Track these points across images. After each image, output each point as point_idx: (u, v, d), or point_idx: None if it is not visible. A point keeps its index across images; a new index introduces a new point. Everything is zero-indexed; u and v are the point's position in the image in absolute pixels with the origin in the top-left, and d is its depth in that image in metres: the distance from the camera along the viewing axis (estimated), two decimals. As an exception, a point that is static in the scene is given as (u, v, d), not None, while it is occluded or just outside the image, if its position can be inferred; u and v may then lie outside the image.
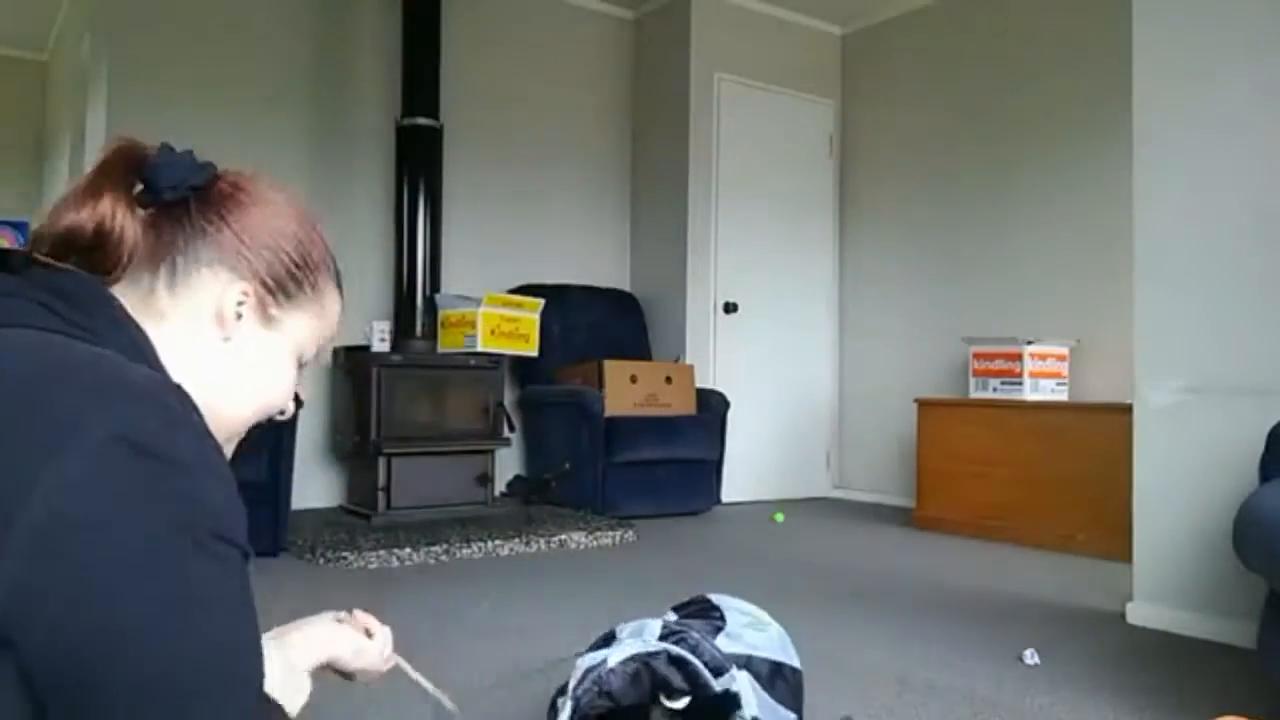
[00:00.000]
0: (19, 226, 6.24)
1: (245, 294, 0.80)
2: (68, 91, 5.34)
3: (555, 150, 5.21)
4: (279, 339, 0.83)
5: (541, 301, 4.35)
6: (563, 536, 3.66)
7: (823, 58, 5.61)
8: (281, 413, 0.88)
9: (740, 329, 5.24)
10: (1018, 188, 4.67)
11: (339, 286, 0.90)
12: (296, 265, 0.83)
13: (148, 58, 4.08)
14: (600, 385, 4.38)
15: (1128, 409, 2.76)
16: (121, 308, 0.76)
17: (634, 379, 4.47)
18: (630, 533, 3.87)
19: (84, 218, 0.76)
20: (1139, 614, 2.64)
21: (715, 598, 1.73)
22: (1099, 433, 3.71)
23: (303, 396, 0.91)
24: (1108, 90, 4.14)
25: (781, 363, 5.38)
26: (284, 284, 0.83)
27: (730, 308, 5.20)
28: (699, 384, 4.75)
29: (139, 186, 0.79)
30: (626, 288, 5.41)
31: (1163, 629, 2.56)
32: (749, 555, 3.65)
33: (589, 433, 4.32)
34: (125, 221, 0.77)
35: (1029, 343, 4.12)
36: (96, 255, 0.76)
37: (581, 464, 4.31)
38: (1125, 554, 2.77)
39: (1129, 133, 2.74)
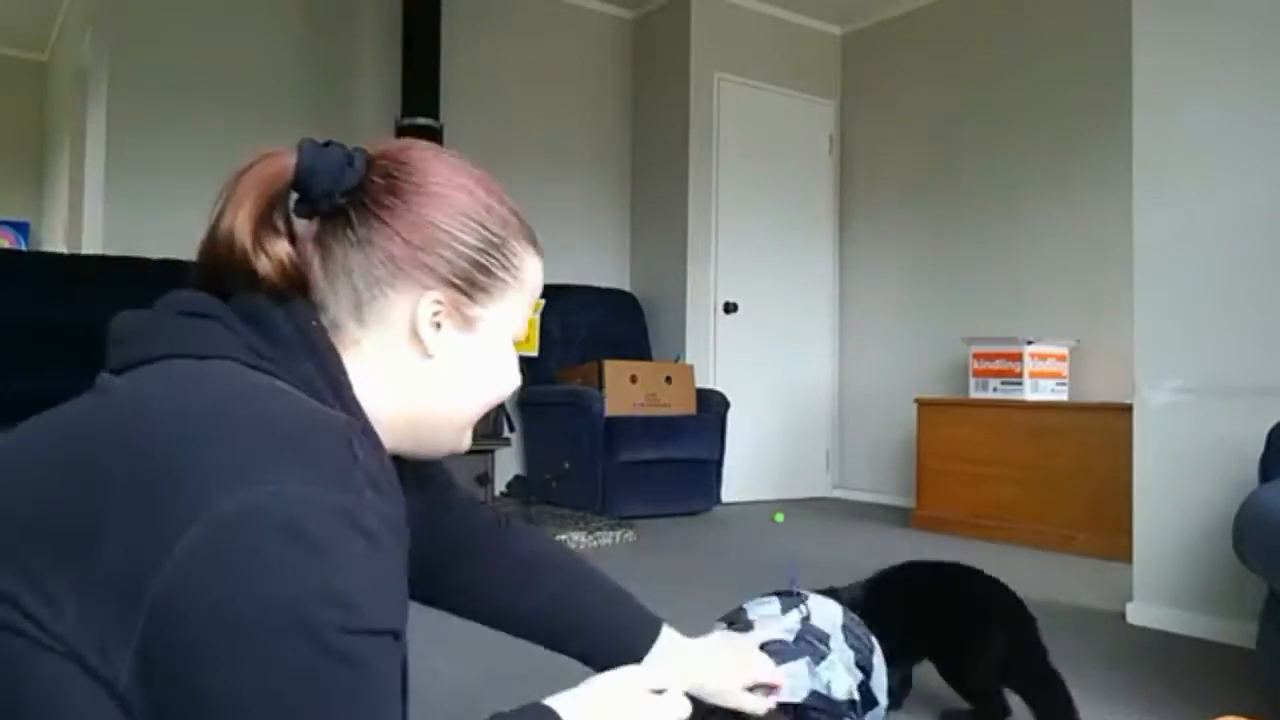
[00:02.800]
0: (19, 227, 6.25)
1: (439, 303, 0.73)
2: (68, 91, 5.34)
3: (555, 150, 5.21)
4: (486, 336, 0.77)
5: (541, 301, 4.35)
6: (563, 536, 3.66)
7: (823, 58, 5.61)
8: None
9: (740, 329, 5.24)
10: (1018, 187, 4.67)
11: (534, 243, 0.83)
12: (483, 252, 0.75)
13: (148, 58, 4.08)
14: (600, 385, 4.38)
15: (1128, 409, 2.75)
16: (318, 333, 0.70)
17: (634, 379, 4.47)
18: (630, 533, 3.87)
19: (220, 235, 0.70)
20: (1139, 614, 2.64)
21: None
22: (1099, 433, 3.71)
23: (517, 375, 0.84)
24: (1108, 90, 4.14)
25: (781, 363, 5.38)
26: (474, 279, 0.75)
27: (730, 308, 5.19)
28: (699, 384, 4.74)
29: (295, 196, 0.73)
30: (626, 288, 5.41)
31: (1163, 629, 2.56)
32: (749, 555, 3.64)
33: (589, 433, 4.32)
34: (260, 240, 0.70)
35: (1029, 343, 4.12)
36: (243, 277, 0.70)
37: (581, 464, 4.31)
38: (1125, 554, 2.77)
39: (1129, 132, 2.74)
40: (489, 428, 4.25)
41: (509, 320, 0.79)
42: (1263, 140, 2.46)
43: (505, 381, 0.81)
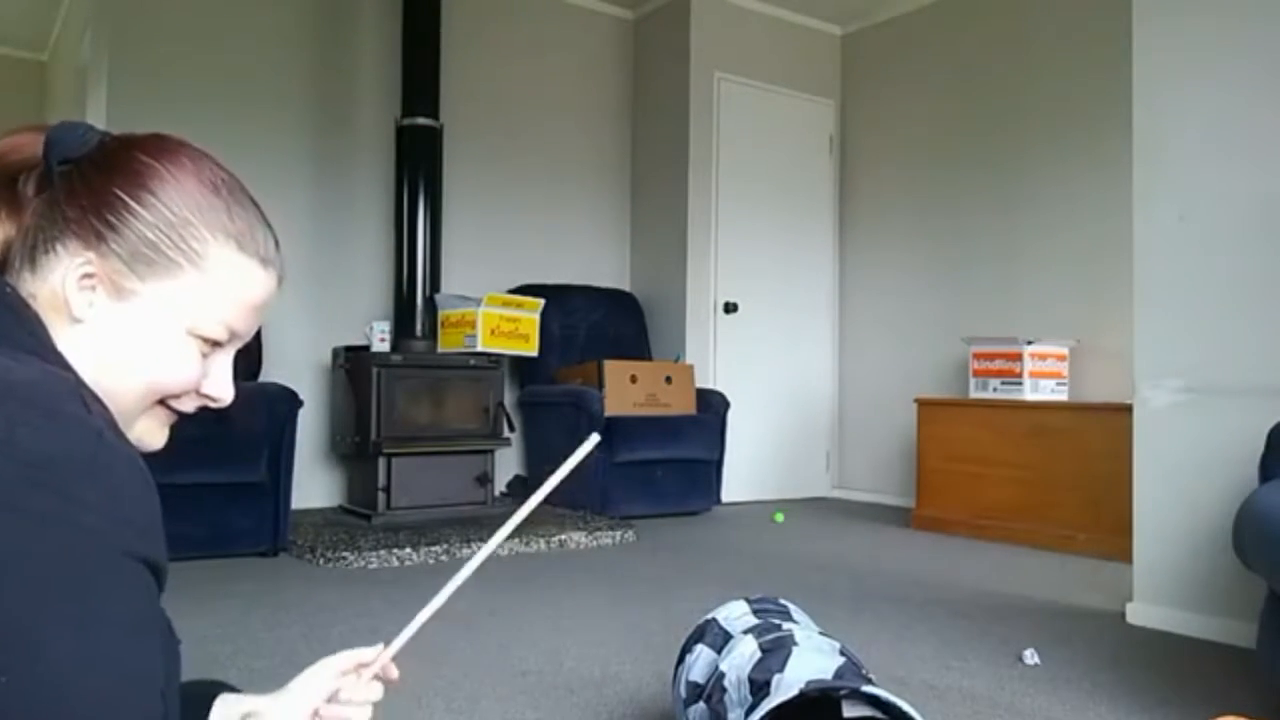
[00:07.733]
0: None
1: (89, 264, 0.73)
2: (68, 91, 5.34)
3: (555, 150, 5.21)
4: (142, 312, 0.75)
5: (541, 301, 4.35)
6: (563, 536, 3.66)
7: (823, 58, 5.62)
8: (213, 399, 0.80)
9: (740, 329, 5.24)
10: (1018, 187, 4.67)
11: (250, 249, 0.79)
12: (153, 226, 0.74)
13: (148, 57, 4.08)
14: (600, 385, 4.38)
15: (1128, 409, 2.76)
16: (14, 295, 0.72)
17: (634, 379, 4.47)
18: (630, 533, 3.87)
19: None
20: (1139, 614, 2.64)
21: (794, 610, 1.62)
22: (1099, 433, 3.71)
23: (227, 387, 0.81)
24: (1108, 89, 4.14)
25: (781, 363, 5.38)
26: (137, 251, 0.74)
27: (730, 308, 5.20)
28: (699, 384, 4.75)
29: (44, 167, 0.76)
30: (626, 288, 5.41)
31: (1163, 629, 2.56)
32: (749, 555, 3.64)
33: (589, 433, 4.31)
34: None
35: (1029, 343, 4.12)
36: None
37: (581, 464, 4.31)
38: (1125, 554, 2.78)
39: (1129, 132, 2.74)
40: (489, 428, 4.26)
41: (181, 306, 0.76)
42: (1263, 140, 2.46)
43: (168, 372, 0.76)
